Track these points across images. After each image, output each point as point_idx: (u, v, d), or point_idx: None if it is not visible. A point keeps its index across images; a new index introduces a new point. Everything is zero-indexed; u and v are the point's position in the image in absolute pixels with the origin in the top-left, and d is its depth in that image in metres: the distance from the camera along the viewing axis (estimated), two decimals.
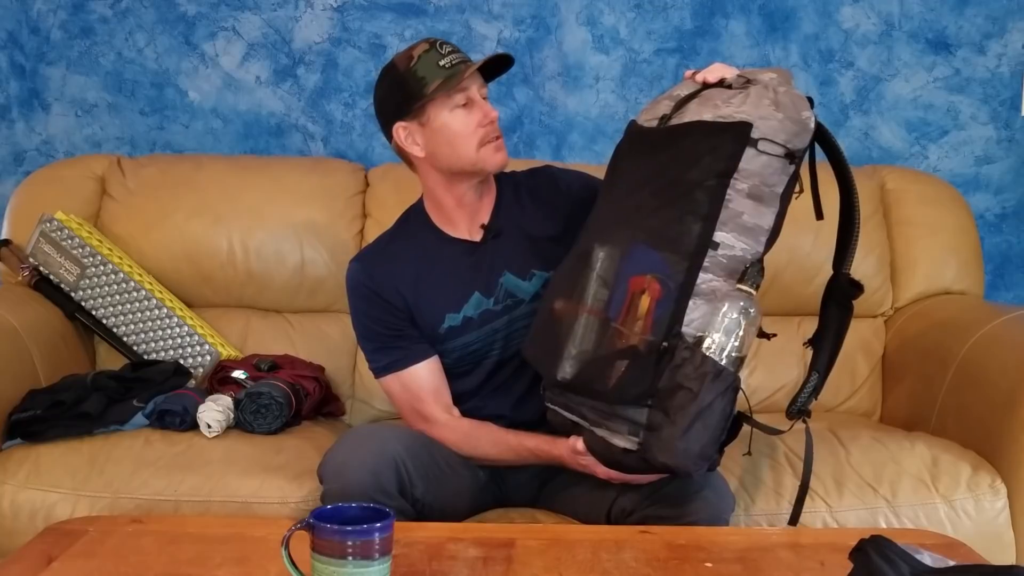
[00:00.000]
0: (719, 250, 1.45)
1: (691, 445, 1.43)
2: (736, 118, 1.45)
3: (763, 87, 1.47)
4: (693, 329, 1.45)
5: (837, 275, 1.59)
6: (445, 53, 1.70)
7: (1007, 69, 2.63)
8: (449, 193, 1.79)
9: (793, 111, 1.45)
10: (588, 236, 1.59)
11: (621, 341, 1.46)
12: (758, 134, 1.43)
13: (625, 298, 1.47)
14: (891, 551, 1.14)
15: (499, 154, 1.74)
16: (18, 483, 1.82)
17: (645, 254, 1.48)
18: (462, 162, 1.74)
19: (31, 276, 2.26)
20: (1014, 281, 2.71)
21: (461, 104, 1.71)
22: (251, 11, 2.63)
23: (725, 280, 1.46)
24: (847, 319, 1.58)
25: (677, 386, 1.43)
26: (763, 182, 1.45)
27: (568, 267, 1.59)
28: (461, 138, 1.72)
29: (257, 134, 2.67)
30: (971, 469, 1.86)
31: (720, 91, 1.52)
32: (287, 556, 1.17)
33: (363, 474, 1.56)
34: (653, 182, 1.51)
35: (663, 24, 2.62)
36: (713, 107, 1.48)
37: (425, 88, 1.69)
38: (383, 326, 1.79)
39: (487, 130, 1.72)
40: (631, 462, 1.51)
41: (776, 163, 1.45)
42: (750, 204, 1.45)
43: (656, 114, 1.56)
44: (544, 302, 1.63)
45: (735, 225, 1.45)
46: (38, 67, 2.66)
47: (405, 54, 1.72)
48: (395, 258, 1.81)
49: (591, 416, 1.54)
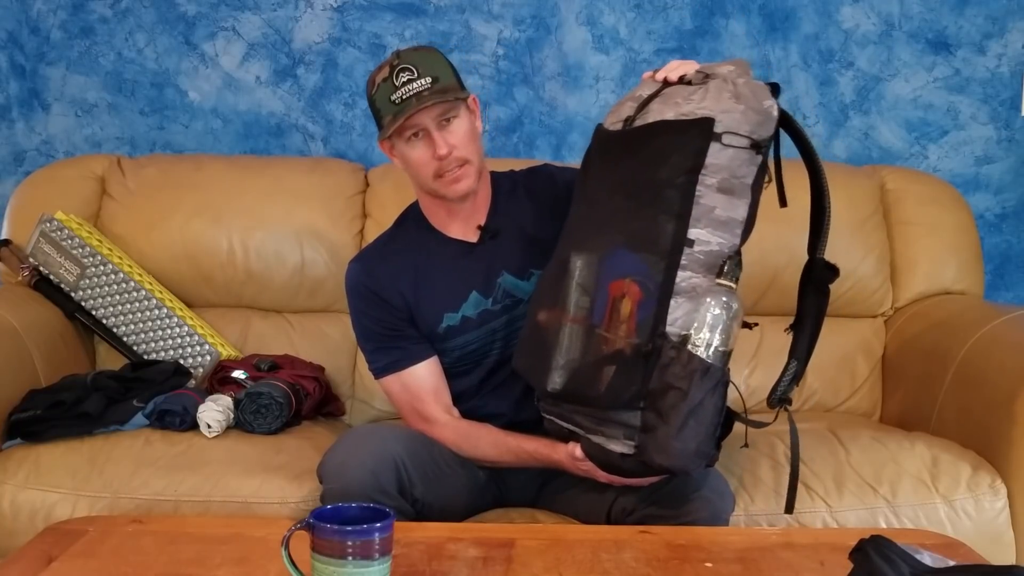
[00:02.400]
0: (695, 247, 1.45)
1: (687, 444, 1.43)
2: (698, 114, 1.46)
3: (722, 80, 1.48)
4: (677, 328, 1.45)
5: (812, 260, 1.58)
6: (399, 84, 1.67)
7: (1007, 69, 2.63)
8: (435, 203, 1.80)
9: (754, 101, 1.46)
10: (564, 244, 1.60)
11: (607, 346, 1.47)
12: (721, 128, 1.44)
13: (607, 303, 1.48)
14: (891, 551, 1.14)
15: (456, 185, 1.72)
16: (18, 483, 1.82)
17: (622, 257, 1.49)
18: (427, 187, 1.76)
19: (31, 276, 2.26)
20: (1014, 281, 2.71)
21: (415, 134, 1.70)
22: (251, 11, 2.63)
23: (704, 276, 1.46)
24: (824, 304, 1.58)
25: (667, 386, 1.43)
26: (732, 175, 1.46)
27: (549, 276, 1.60)
28: (417, 168, 1.73)
29: (257, 134, 2.67)
30: (971, 469, 1.86)
31: (680, 88, 1.52)
32: (287, 556, 1.17)
33: (363, 474, 1.56)
34: (624, 185, 1.52)
35: (663, 24, 2.62)
36: (675, 105, 1.49)
37: (382, 120, 1.71)
38: (383, 326, 1.79)
39: (440, 164, 1.70)
40: (629, 466, 1.51)
41: (743, 155, 1.45)
42: (722, 198, 1.46)
43: (620, 117, 1.57)
44: (529, 313, 1.64)
45: (709, 220, 1.46)
46: (38, 67, 2.66)
47: (372, 77, 1.73)
48: (394, 258, 1.82)
49: (586, 424, 1.54)
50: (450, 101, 1.68)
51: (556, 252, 1.61)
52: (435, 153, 1.69)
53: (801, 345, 1.57)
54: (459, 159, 1.70)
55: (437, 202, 1.79)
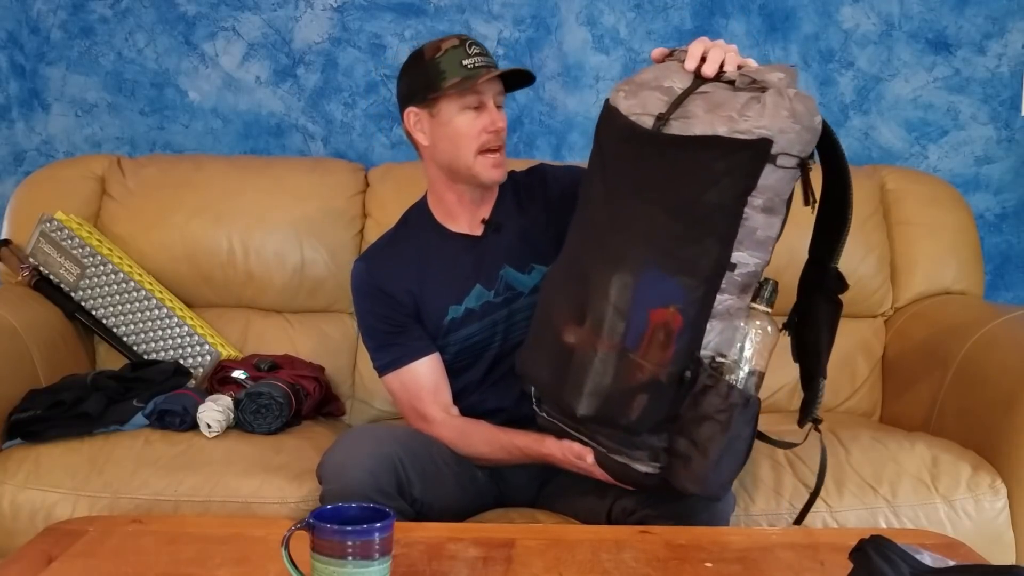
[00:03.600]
0: (736, 270, 1.40)
1: (722, 475, 1.43)
2: (756, 134, 1.35)
3: (777, 93, 1.37)
4: (711, 350, 1.41)
5: (826, 270, 1.53)
6: (472, 54, 1.72)
7: (1007, 69, 2.63)
8: (450, 189, 1.81)
9: (808, 119, 1.38)
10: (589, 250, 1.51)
11: (641, 373, 1.42)
12: (777, 149, 1.36)
13: (646, 330, 1.41)
14: (891, 551, 1.14)
15: (495, 170, 1.75)
16: (18, 483, 1.82)
17: (660, 281, 1.41)
18: (459, 163, 1.75)
19: (31, 276, 2.26)
20: (1014, 281, 2.71)
21: (473, 106, 1.72)
22: (251, 11, 2.63)
23: (739, 297, 1.42)
24: (839, 315, 1.54)
25: (704, 416, 1.40)
26: (776, 194, 1.39)
27: (571, 286, 1.52)
28: (464, 139, 1.73)
29: (257, 134, 2.67)
30: (971, 469, 1.86)
31: (729, 95, 1.40)
32: (287, 556, 1.17)
33: (361, 474, 1.56)
34: (662, 198, 1.43)
35: (663, 24, 2.62)
36: (728, 120, 1.37)
37: (443, 82, 1.71)
38: (386, 323, 1.80)
39: (490, 137, 1.72)
40: (651, 483, 1.50)
41: (790, 174, 1.40)
42: (763, 218, 1.39)
43: (648, 110, 1.44)
44: (544, 318, 1.58)
45: (751, 242, 1.40)
46: (38, 67, 2.66)
47: (434, 44, 1.75)
48: (398, 255, 1.83)
49: (608, 444, 1.51)
50: (523, 76, 1.76)
51: (572, 254, 1.56)
52: (489, 126, 1.72)
53: (823, 361, 1.53)
54: (503, 143, 1.75)
55: (452, 189, 1.79)
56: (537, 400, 1.62)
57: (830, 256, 1.52)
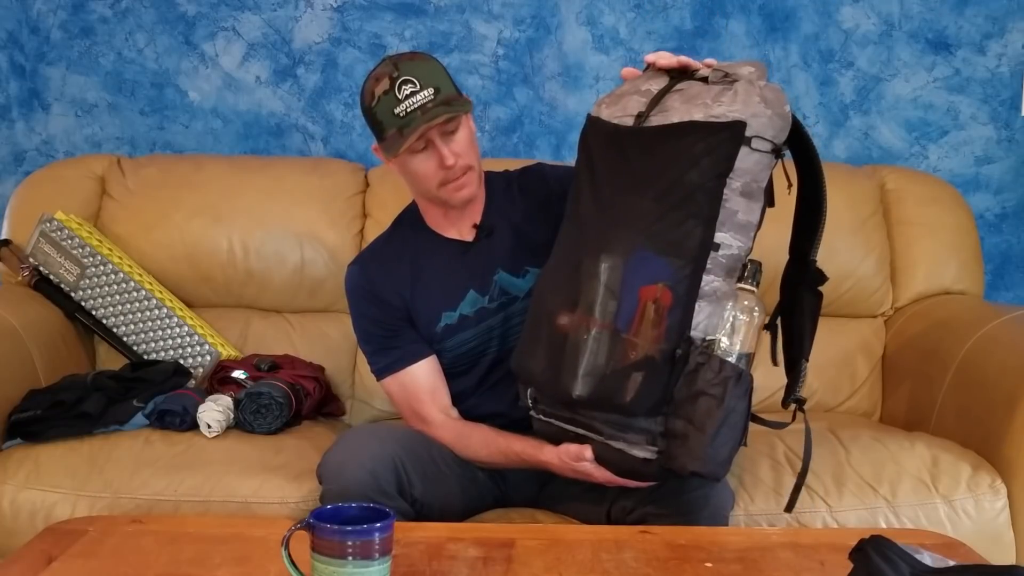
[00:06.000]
0: (719, 251, 1.44)
1: (720, 451, 1.43)
2: (730, 117, 1.43)
3: (748, 83, 1.46)
4: (700, 332, 1.44)
5: (806, 263, 1.57)
6: (403, 97, 1.65)
7: (1007, 69, 2.63)
8: (433, 205, 1.81)
9: (778, 106, 1.45)
10: (576, 243, 1.56)
11: (634, 352, 1.44)
12: (751, 132, 1.43)
13: (636, 308, 1.45)
14: (891, 551, 1.14)
15: (461, 192, 1.73)
16: (18, 483, 1.82)
17: (648, 260, 1.46)
18: (428, 194, 1.76)
19: (31, 276, 2.26)
20: (1014, 281, 2.71)
21: (419, 149, 1.69)
22: (251, 11, 2.63)
23: (724, 280, 1.45)
24: (820, 305, 1.58)
25: (698, 393, 1.41)
26: (753, 179, 1.45)
27: (560, 277, 1.56)
28: (421, 179, 1.73)
29: (257, 134, 2.67)
30: (971, 469, 1.86)
31: (703, 88, 1.49)
32: (287, 556, 1.17)
33: (362, 474, 1.56)
34: (646, 185, 1.48)
35: (663, 24, 2.62)
36: (703, 107, 1.45)
37: (383, 133, 1.70)
38: (381, 327, 1.80)
39: (446, 173, 1.71)
40: (651, 471, 1.50)
41: (765, 159, 1.45)
42: (743, 202, 1.45)
43: (628, 111, 1.53)
44: (538, 313, 1.60)
45: (732, 224, 1.45)
46: (38, 67, 2.66)
47: (369, 88, 1.70)
48: (391, 259, 1.82)
49: (606, 430, 1.52)
50: (456, 112, 1.68)
51: (563, 251, 1.59)
52: (442, 164, 1.69)
53: (806, 346, 1.56)
54: (463, 167, 1.71)
55: (435, 205, 1.80)
56: (533, 401, 1.62)
57: (810, 248, 1.56)
